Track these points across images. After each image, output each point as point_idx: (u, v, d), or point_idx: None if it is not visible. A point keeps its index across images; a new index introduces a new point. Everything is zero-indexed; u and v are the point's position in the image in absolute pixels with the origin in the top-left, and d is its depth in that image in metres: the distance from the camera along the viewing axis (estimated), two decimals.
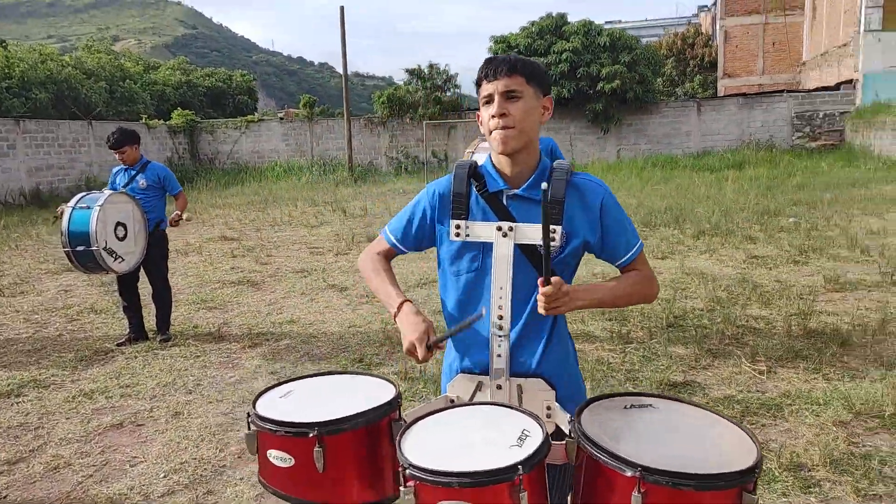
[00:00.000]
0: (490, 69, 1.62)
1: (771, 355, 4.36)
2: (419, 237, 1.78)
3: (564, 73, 21.52)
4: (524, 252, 1.64)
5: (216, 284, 7.48)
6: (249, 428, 1.51)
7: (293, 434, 1.41)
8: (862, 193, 12.34)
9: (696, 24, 32.78)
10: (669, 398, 1.53)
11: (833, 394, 3.70)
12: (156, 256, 5.19)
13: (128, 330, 5.44)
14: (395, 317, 1.68)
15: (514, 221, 1.64)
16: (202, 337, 5.49)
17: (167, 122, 25.16)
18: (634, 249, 1.70)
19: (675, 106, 22.42)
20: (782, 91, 22.75)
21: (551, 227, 1.56)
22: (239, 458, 3.37)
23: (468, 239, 1.66)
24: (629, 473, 1.20)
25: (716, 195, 12.58)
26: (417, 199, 1.80)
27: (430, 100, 23.15)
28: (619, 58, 21.47)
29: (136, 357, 5.02)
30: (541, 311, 1.54)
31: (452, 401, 1.71)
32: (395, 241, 1.82)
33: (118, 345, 5.31)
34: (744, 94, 22.74)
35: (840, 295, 5.80)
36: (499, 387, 1.66)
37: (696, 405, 1.50)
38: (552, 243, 1.59)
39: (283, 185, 21.45)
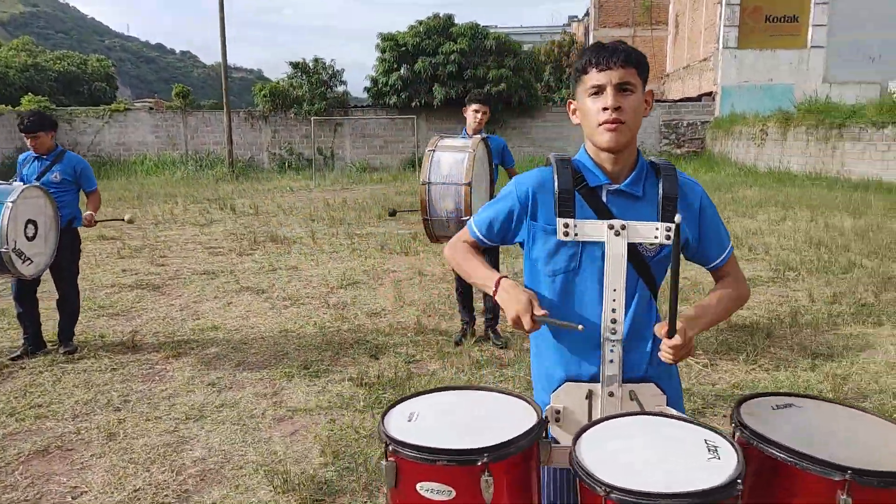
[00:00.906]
0: (602, 57, 1.53)
1: (707, 349, 4.60)
2: (503, 232, 1.71)
3: (453, 73, 21.77)
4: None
5: (110, 289, 6.81)
6: (387, 458, 1.32)
7: (459, 463, 1.25)
8: (729, 197, 13.44)
9: (571, 33, 34.31)
10: (809, 397, 1.53)
11: (775, 383, 3.96)
12: (66, 257, 4.61)
13: (23, 341, 4.80)
14: (494, 293, 1.60)
15: (614, 218, 1.58)
16: (113, 347, 4.96)
17: (15, 109, 22.71)
18: (727, 251, 1.70)
19: (558, 111, 23.35)
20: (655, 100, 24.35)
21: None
22: (201, 480, 3.05)
23: (576, 238, 1.58)
24: (837, 477, 1.18)
25: None
26: (505, 194, 1.69)
27: (315, 95, 22.55)
28: (504, 62, 22.03)
29: (41, 372, 4.44)
30: (667, 360, 1.50)
31: (558, 412, 1.62)
32: (479, 234, 1.74)
33: (12, 359, 4.67)
34: None
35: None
36: (611, 394, 1.59)
37: (831, 401, 1.51)
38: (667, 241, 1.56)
39: (155, 180, 20.04)
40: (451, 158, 4.24)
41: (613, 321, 1.57)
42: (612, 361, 1.58)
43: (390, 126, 23.22)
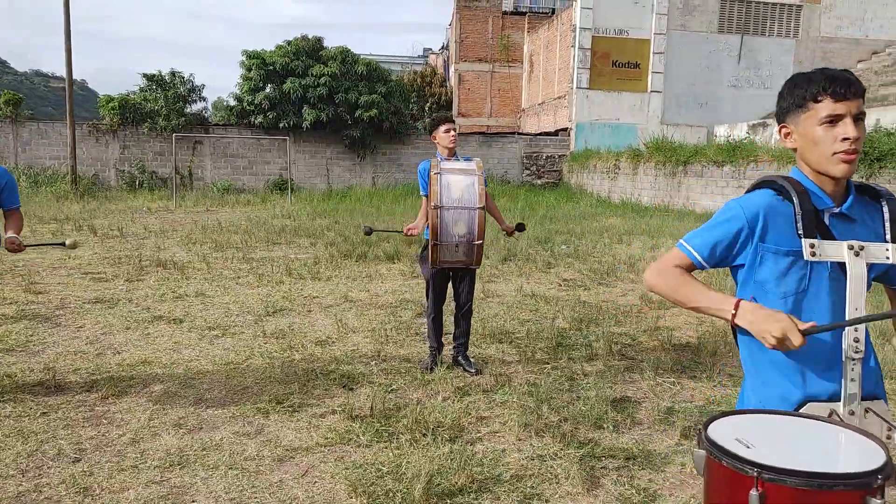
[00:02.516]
0: (839, 87, 1.59)
1: (664, 368, 4.86)
2: (726, 254, 1.70)
3: (323, 96, 21.45)
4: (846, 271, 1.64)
5: None
6: (758, 487, 1.22)
7: (855, 487, 1.19)
8: (597, 225, 14.40)
9: (432, 65, 35.25)
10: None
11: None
12: None
13: None
14: (733, 318, 1.57)
15: (834, 240, 1.63)
16: (30, 388, 4.25)
17: None
18: None
19: (426, 139, 23.73)
20: (514, 133, 25.60)
21: None
22: None
23: (819, 259, 1.61)
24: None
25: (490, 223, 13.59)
26: (730, 217, 1.68)
27: (172, 110, 21.14)
28: (375, 88, 22.10)
29: None
30: None
31: None
32: (700, 258, 1.71)
33: None
34: (483, 133, 25.04)
35: (660, 312, 6.70)
36: (851, 412, 1.62)
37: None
38: None
39: None
40: (462, 182, 4.17)
41: (856, 340, 1.61)
42: (853, 380, 1.61)
43: (255, 146, 22.31)
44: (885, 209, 1.68)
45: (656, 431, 3.76)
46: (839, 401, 1.61)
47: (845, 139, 1.58)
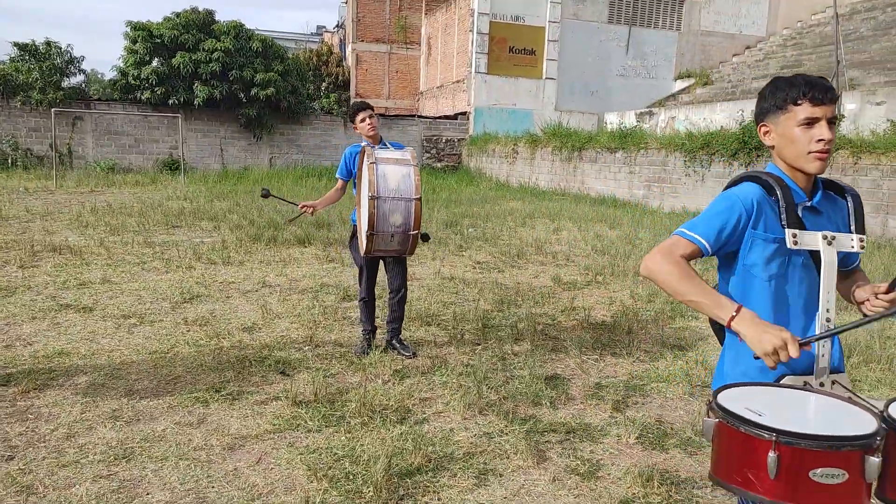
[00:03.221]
0: (818, 93, 1.76)
1: (587, 346, 5.17)
2: (728, 240, 1.84)
3: (216, 73, 20.54)
4: (815, 259, 1.86)
5: None
6: (776, 450, 1.37)
7: (859, 447, 1.38)
8: (499, 209, 14.81)
9: (329, 43, 34.47)
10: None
11: (658, 372, 4.63)
12: None
13: None
14: (730, 321, 1.69)
15: (806, 230, 1.84)
16: None
17: None
18: (860, 255, 2.03)
19: (326, 120, 23.35)
20: (413, 115, 25.64)
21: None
22: None
23: (798, 247, 1.81)
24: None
25: None
26: (730, 205, 1.84)
27: (49, 83, 19.53)
28: (271, 65, 21.41)
29: None
30: (878, 310, 1.80)
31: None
32: (706, 243, 1.82)
33: None
34: (383, 115, 24.88)
35: (573, 293, 7.07)
36: (822, 384, 1.83)
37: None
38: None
39: None
40: (398, 172, 4.20)
41: (828, 319, 1.83)
42: (823, 356, 1.81)
43: (142, 124, 21.06)
44: (850, 203, 1.92)
45: (589, 406, 4.03)
46: (812, 374, 1.83)
47: (820, 140, 1.78)
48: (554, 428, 3.67)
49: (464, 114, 25.31)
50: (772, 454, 1.39)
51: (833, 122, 1.80)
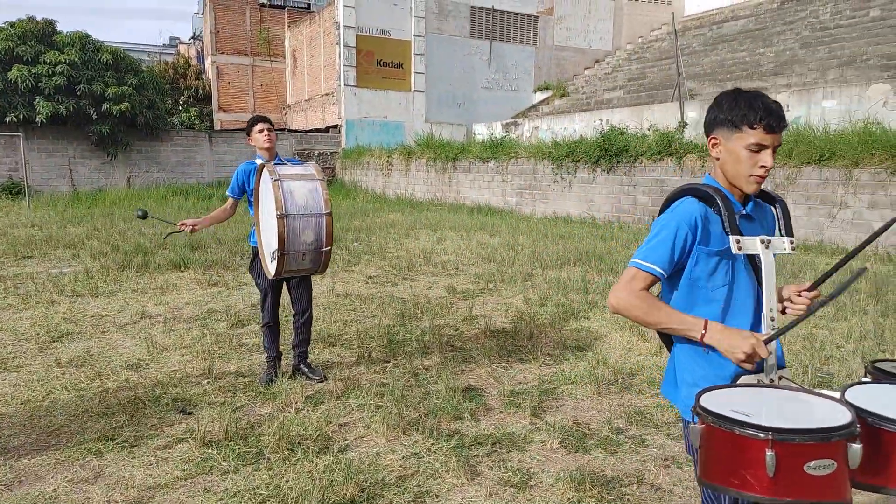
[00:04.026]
0: (773, 121, 1.81)
1: (493, 354, 5.19)
2: (679, 261, 1.90)
3: (61, 87, 18.85)
4: (753, 263, 1.94)
5: None
6: (772, 448, 1.37)
7: (845, 436, 1.42)
8: (380, 221, 14.73)
9: (185, 56, 32.72)
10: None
11: (565, 374, 4.74)
12: None
13: None
14: (702, 338, 1.79)
15: (743, 236, 1.91)
16: None
17: None
18: None
19: (188, 136, 22.13)
20: (283, 129, 24.93)
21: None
22: None
23: (742, 251, 1.87)
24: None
25: None
26: (675, 227, 1.88)
27: None
28: (124, 79, 20.00)
29: None
30: (799, 310, 1.89)
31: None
32: (660, 269, 1.89)
33: None
34: None
35: (469, 302, 7.12)
36: (771, 380, 1.90)
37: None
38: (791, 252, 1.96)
39: None
40: (304, 188, 3.98)
41: (772, 319, 1.90)
42: (771, 353, 1.89)
43: None
44: (779, 210, 2.02)
45: (509, 414, 4.03)
46: (762, 372, 1.91)
47: (763, 166, 1.86)
48: (480, 441, 3.63)
49: (335, 127, 24.97)
50: (769, 452, 1.42)
51: (776, 148, 1.88)
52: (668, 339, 2.11)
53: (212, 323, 6.14)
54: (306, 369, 4.65)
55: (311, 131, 25.38)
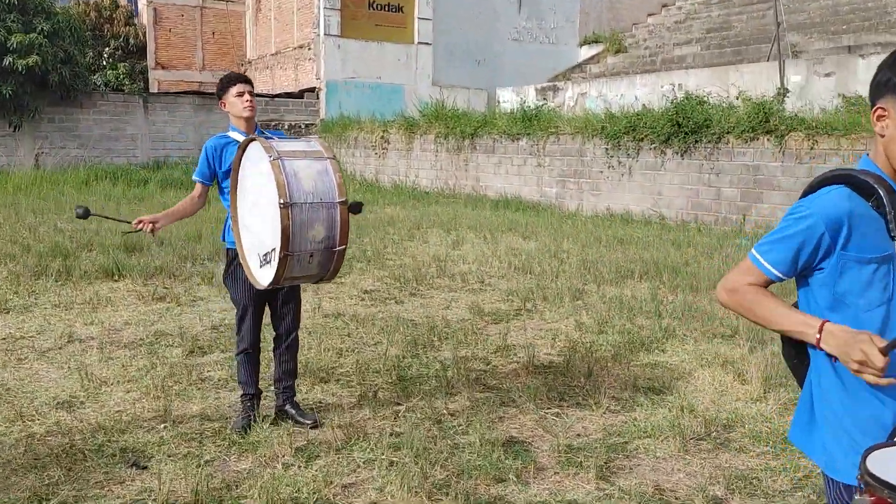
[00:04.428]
0: None
1: (540, 396, 5.26)
2: (806, 266, 1.99)
3: None
4: None
5: None
6: None
7: None
8: (374, 218, 14.83)
9: None
10: None
11: (644, 426, 4.80)
12: None
13: None
14: (818, 341, 1.89)
15: None
16: None
17: None
18: None
19: (116, 100, 22.41)
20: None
21: None
22: None
23: None
24: None
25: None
26: (809, 223, 1.94)
27: None
28: (33, 24, 20.25)
29: None
30: None
31: None
32: (777, 272, 2.00)
33: None
34: (198, 93, 24.21)
35: (501, 326, 7.20)
36: None
37: None
38: None
39: None
40: (311, 168, 4.06)
41: None
42: (888, 361, 1.85)
43: None
44: None
45: (567, 476, 4.09)
46: None
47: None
48: None
49: (311, 90, 25.17)
50: None
51: None
52: (800, 369, 2.17)
53: (162, 350, 6.24)
54: (294, 411, 4.72)
55: (279, 96, 25.58)
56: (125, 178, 19.80)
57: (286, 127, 24.44)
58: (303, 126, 24.53)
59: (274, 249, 4.06)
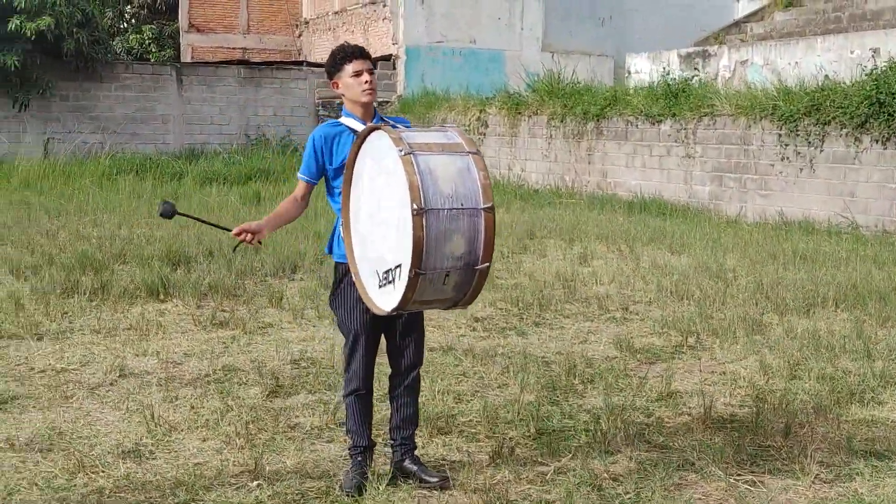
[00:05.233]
0: None
1: (725, 460, 5.32)
2: None
3: None
4: None
5: None
6: None
7: None
8: None
9: None
10: None
11: (870, 500, 4.82)
12: None
13: None
14: None
15: None
16: None
17: None
18: None
19: (144, 73, 23.21)
20: (301, 63, 25.73)
21: None
22: None
23: None
24: None
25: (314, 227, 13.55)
26: None
27: None
28: None
29: None
30: None
31: None
32: None
33: None
34: (244, 63, 24.88)
35: (661, 367, 7.26)
36: None
37: None
38: None
39: None
40: (451, 166, 4.23)
41: None
42: None
43: None
44: None
45: None
46: None
47: None
48: None
49: (387, 58, 25.60)
50: None
51: None
52: None
53: (235, 388, 6.50)
54: (415, 467, 4.87)
55: None
56: (155, 170, 20.47)
57: None
58: (375, 105, 24.96)
59: (400, 266, 4.20)
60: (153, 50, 27.29)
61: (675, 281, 10.38)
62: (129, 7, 30.00)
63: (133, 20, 29.92)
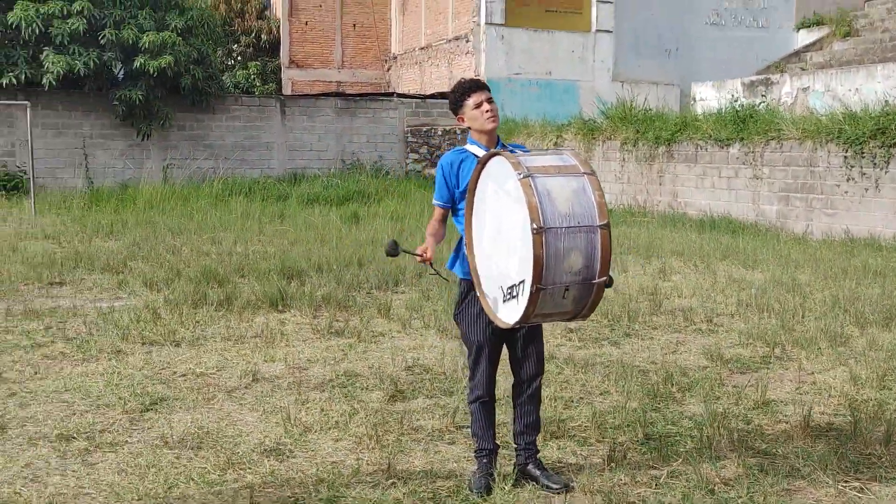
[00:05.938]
0: None
1: (831, 466, 5.14)
2: None
3: (79, 35, 20.52)
4: None
5: None
6: None
7: None
8: None
9: None
10: None
11: None
12: None
13: None
14: None
15: None
16: None
17: None
18: None
19: (251, 104, 23.52)
20: (391, 94, 25.88)
21: None
22: None
23: None
24: None
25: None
26: None
27: None
28: (166, 21, 21.50)
29: None
30: None
31: None
32: None
33: None
34: (340, 95, 25.09)
35: (752, 377, 7.08)
36: None
37: None
38: None
39: None
40: (567, 187, 4.18)
41: None
42: None
43: None
44: None
45: None
46: None
47: None
48: None
49: None
50: None
51: None
52: None
53: (358, 392, 6.49)
54: (538, 472, 4.80)
55: (430, 96, 26.12)
56: (262, 192, 20.73)
57: (440, 132, 24.95)
58: (458, 131, 24.99)
59: (523, 282, 4.16)
60: (258, 84, 27.70)
61: (753, 295, 10.17)
62: (236, 46, 30.45)
63: (240, 57, 30.37)
